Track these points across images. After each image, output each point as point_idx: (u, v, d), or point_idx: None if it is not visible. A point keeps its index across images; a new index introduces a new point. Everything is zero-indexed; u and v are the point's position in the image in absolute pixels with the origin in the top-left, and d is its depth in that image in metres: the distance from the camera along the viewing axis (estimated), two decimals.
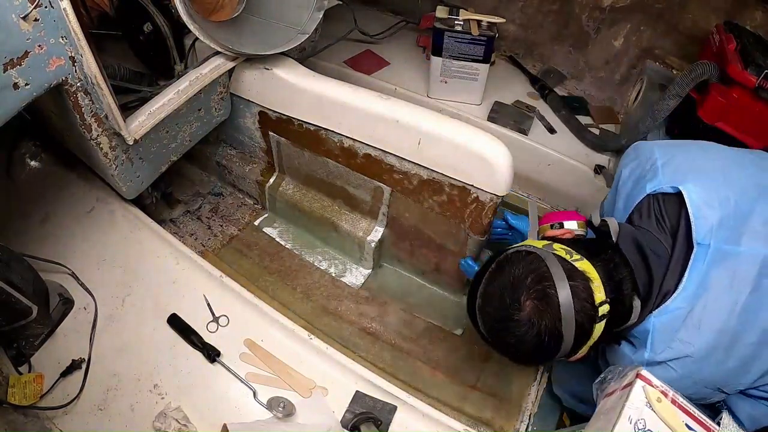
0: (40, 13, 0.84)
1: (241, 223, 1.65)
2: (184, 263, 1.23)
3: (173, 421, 0.99)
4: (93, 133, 1.08)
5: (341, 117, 1.27)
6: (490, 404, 1.28)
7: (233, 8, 1.34)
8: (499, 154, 1.13)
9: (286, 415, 1.00)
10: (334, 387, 1.06)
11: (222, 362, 1.07)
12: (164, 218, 1.60)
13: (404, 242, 1.47)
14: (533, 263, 0.81)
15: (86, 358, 1.09)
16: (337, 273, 1.55)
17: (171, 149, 1.29)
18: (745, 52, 1.29)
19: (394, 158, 1.27)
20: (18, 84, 0.86)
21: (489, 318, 0.84)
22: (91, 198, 1.35)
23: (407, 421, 1.02)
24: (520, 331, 0.78)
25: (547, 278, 0.78)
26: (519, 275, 0.80)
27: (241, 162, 1.63)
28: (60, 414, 1.03)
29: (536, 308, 0.77)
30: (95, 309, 1.16)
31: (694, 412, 0.75)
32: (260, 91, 1.36)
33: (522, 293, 0.78)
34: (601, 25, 1.79)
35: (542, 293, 0.77)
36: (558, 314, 0.76)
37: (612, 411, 0.75)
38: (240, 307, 1.16)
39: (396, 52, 1.89)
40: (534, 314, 0.77)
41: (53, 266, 1.20)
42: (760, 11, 1.50)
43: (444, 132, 1.17)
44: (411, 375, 1.32)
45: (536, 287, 0.78)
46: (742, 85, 1.25)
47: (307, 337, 1.12)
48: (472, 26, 1.52)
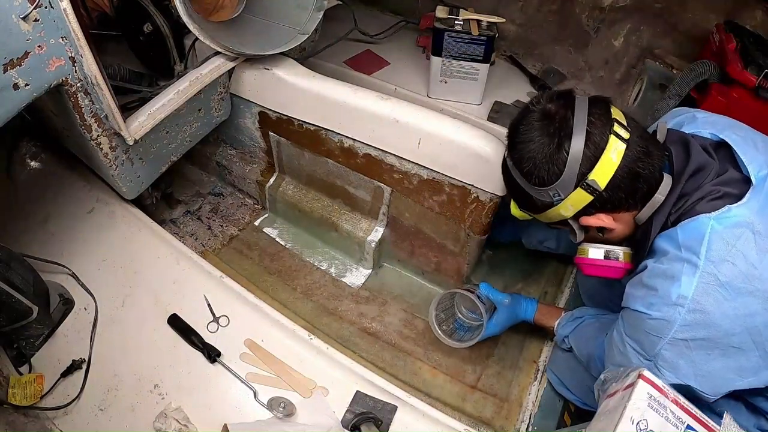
0: (40, 13, 0.84)
1: (242, 223, 1.65)
2: (184, 263, 1.23)
3: (173, 421, 0.99)
4: (93, 134, 1.08)
5: (341, 117, 1.27)
6: (490, 404, 1.28)
7: (233, 8, 1.34)
8: (500, 153, 1.13)
9: (286, 415, 1.00)
10: (335, 387, 1.06)
11: (222, 362, 1.07)
12: (164, 218, 1.60)
13: (404, 242, 1.47)
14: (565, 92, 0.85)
15: (86, 358, 1.09)
16: (337, 273, 1.55)
17: (171, 149, 1.29)
18: (745, 52, 1.29)
19: (394, 158, 1.27)
20: (18, 84, 0.86)
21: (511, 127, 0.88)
22: (91, 198, 1.35)
23: (407, 421, 1.02)
24: (530, 121, 0.82)
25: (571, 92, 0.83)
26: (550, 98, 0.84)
27: (241, 162, 1.63)
28: (60, 414, 1.03)
29: (552, 111, 0.81)
30: (95, 309, 1.16)
31: (696, 412, 0.75)
32: (260, 92, 1.36)
33: (549, 99, 0.83)
34: (601, 25, 1.79)
35: (568, 102, 0.81)
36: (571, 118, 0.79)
37: (614, 411, 0.75)
38: (240, 307, 1.16)
39: (396, 52, 1.89)
40: (550, 113, 0.81)
41: (53, 267, 1.20)
42: (760, 11, 1.50)
43: (444, 132, 1.17)
44: (411, 375, 1.32)
45: (564, 98, 0.82)
46: (742, 85, 1.26)
47: (308, 337, 1.12)
48: (472, 26, 1.52)
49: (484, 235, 1.29)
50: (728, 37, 1.35)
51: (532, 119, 0.83)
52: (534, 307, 1.25)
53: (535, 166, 0.82)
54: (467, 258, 1.38)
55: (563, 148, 0.79)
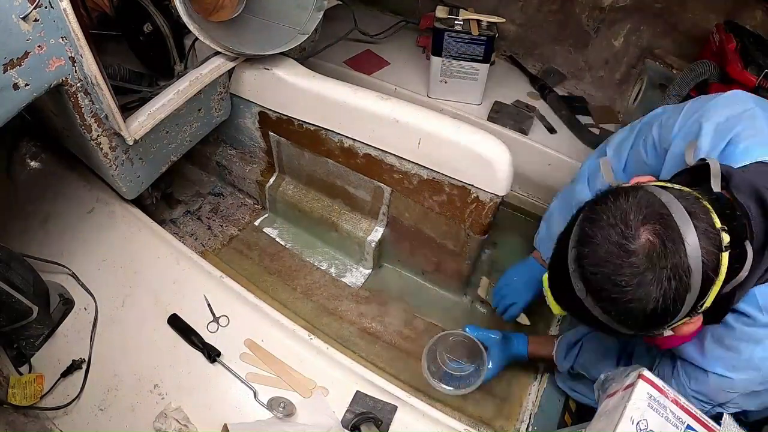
0: (40, 13, 0.84)
1: (241, 223, 1.65)
2: (184, 263, 1.23)
3: (173, 421, 0.99)
4: (93, 134, 1.08)
5: (341, 117, 1.27)
6: (490, 404, 1.28)
7: (233, 8, 1.34)
8: (499, 153, 1.13)
9: (286, 415, 1.00)
10: (335, 387, 1.06)
11: (222, 362, 1.07)
12: (164, 218, 1.60)
13: (404, 242, 1.47)
14: (644, 196, 0.65)
15: (86, 358, 1.09)
16: (337, 273, 1.55)
17: (171, 149, 1.29)
18: (745, 52, 1.29)
19: (394, 158, 1.27)
20: (18, 84, 0.86)
21: (592, 264, 0.65)
22: (91, 198, 1.35)
23: (408, 421, 1.02)
24: (635, 271, 0.62)
25: (665, 210, 0.63)
26: (628, 207, 0.64)
27: (241, 162, 1.63)
28: (60, 414, 1.03)
29: (655, 244, 0.62)
30: (95, 309, 1.16)
31: (696, 413, 0.75)
32: (260, 91, 1.36)
33: (637, 224, 0.62)
34: (601, 24, 1.79)
35: (663, 223, 0.62)
36: (682, 249, 0.61)
37: (614, 412, 0.75)
38: (240, 307, 1.16)
39: (396, 52, 1.89)
40: (653, 249, 0.61)
41: (53, 266, 1.20)
42: (760, 11, 1.50)
43: (444, 132, 1.17)
44: (411, 375, 1.32)
45: (655, 217, 0.63)
46: (742, 85, 1.26)
47: (308, 337, 1.12)
48: (472, 26, 1.52)
49: (484, 235, 1.29)
50: (728, 37, 1.35)
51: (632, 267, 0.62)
52: (525, 341, 1.22)
53: (646, 317, 0.65)
54: (467, 258, 1.38)
55: (681, 291, 0.63)
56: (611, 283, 0.64)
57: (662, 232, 0.62)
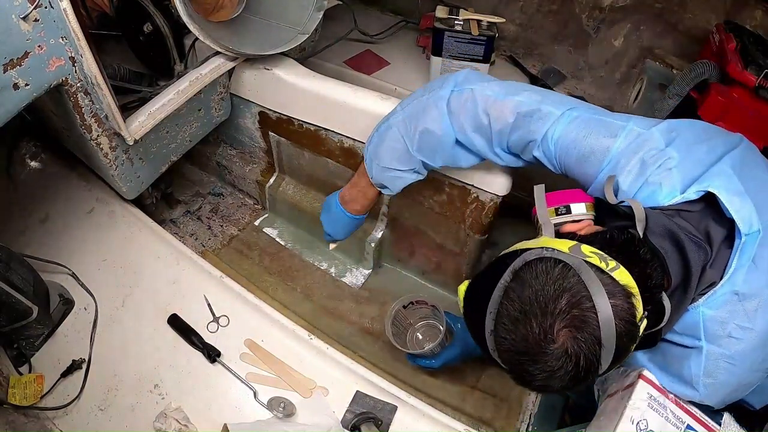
0: (40, 13, 0.84)
1: (241, 223, 1.65)
2: (184, 263, 1.23)
3: (173, 421, 0.99)
4: (93, 134, 1.08)
5: (341, 117, 1.27)
6: (490, 404, 1.28)
7: (233, 8, 1.34)
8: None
9: (286, 415, 1.00)
10: (335, 387, 1.06)
11: (222, 362, 1.07)
12: (164, 218, 1.60)
13: (404, 242, 1.47)
14: (566, 278, 0.65)
15: (86, 358, 1.09)
16: (337, 273, 1.55)
17: (171, 149, 1.29)
18: (745, 52, 1.29)
19: None
20: (18, 84, 0.86)
21: (509, 347, 0.68)
22: (91, 198, 1.35)
23: (408, 421, 1.02)
24: (552, 365, 0.64)
25: (585, 298, 0.64)
26: (549, 294, 0.65)
27: (241, 162, 1.63)
28: (60, 414, 1.03)
29: (574, 338, 0.63)
30: (95, 309, 1.16)
31: (696, 413, 0.75)
32: (260, 91, 1.36)
33: (555, 320, 0.64)
34: (601, 24, 1.78)
35: (580, 320, 0.63)
36: (599, 342, 0.63)
37: (614, 412, 0.75)
38: (240, 307, 1.16)
39: (396, 52, 1.89)
40: (571, 345, 0.63)
41: (53, 266, 1.20)
42: (760, 11, 1.50)
43: None
44: (411, 375, 1.32)
45: (572, 311, 0.64)
46: (742, 85, 1.25)
47: (308, 337, 1.12)
48: (472, 26, 1.52)
49: (484, 235, 1.29)
50: (728, 37, 1.35)
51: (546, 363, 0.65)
52: None
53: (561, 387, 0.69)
54: (467, 258, 1.38)
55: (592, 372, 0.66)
56: (524, 368, 0.67)
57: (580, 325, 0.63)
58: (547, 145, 0.89)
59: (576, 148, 0.86)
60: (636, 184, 0.80)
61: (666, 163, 0.78)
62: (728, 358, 0.74)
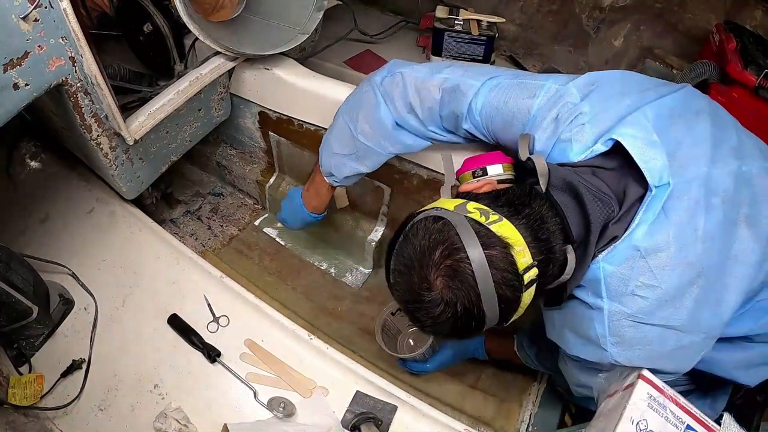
0: (40, 13, 0.84)
1: (241, 223, 1.65)
2: (184, 263, 1.23)
3: (173, 421, 0.99)
4: (93, 134, 1.08)
5: None
6: (490, 404, 1.28)
7: (233, 8, 1.34)
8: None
9: (286, 415, 1.00)
10: (335, 387, 1.06)
11: (222, 362, 1.07)
12: (164, 218, 1.60)
13: None
14: (441, 232, 0.69)
15: (86, 358, 1.09)
16: (337, 273, 1.55)
17: (171, 149, 1.29)
18: (745, 52, 1.29)
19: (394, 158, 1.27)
20: (18, 84, 0.86)
21: (401, 296, 0.74)
22: (91, 198, 1.35)
23: (408, 421, 1.02)
24: (434, 312, 0.69)
25: (458, 249, 0.67)
26: (425, 247, 0.69)
27: (241, 162, 1.63)
28: (60, 414, 1.03)
29: (448, 287, 0.67)
30: (95, 309, 1.16)
31: (696, 413, 0.75)
32: (260, 91, 1.36)
33: (431, 270, 0.68)
34: (601, 24, 1.79)
35: (453, 269, 0.67)
36: (475, 290, 0.66)
37: (614, 412, 0.75)
38: (240, 307, 1.16)
39: (396, 52, 1.89)
40: (447, 293, 0.68)
41: (53, 266, 1.20)
42: (760, 11, 1.51)
43: None
44: (411, 375, 1.32)
45: (445, 262, 0.67)
46: (742, 85, 1.26)
47: (308, 337, 1.12)
48: (472, 26, 1.52)
49: None
50: (728, 37, 1.35)
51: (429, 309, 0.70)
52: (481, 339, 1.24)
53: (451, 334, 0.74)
54: None
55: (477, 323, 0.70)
56: (413, 315, 0.73)
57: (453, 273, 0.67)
58: (473, 116, 0.89)
59: (499, 114, 0.86)
60: (550, 142, 0.79)
61: (578, 118, 0.77)
62: (629, 316, 0.73)
